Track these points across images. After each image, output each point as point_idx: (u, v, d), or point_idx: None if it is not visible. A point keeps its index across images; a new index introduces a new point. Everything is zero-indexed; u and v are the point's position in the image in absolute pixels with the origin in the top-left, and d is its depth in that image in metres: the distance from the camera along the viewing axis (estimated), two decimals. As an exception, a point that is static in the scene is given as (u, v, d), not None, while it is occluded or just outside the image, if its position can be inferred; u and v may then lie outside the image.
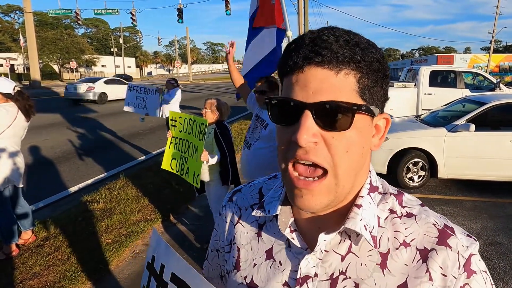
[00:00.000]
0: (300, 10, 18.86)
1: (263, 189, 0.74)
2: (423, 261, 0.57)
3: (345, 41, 0.53)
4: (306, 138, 0.52)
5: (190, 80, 52.12)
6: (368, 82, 0.54)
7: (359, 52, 0.53)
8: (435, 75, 10.03)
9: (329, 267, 0.60)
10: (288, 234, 0.63)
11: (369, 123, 0.57)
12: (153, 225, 4.27)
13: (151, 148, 8.58)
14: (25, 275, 3.20)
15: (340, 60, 0.52)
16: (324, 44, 0.53)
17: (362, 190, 0.61)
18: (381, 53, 0.57)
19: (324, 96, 0.52)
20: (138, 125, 11.76)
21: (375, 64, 0.55)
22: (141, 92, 6.62)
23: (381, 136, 0.60)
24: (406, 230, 0.59)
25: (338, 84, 0.52)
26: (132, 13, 27.33)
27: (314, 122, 0.53)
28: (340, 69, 0.53)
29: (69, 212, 4.53)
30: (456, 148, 5.37)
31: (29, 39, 28.53)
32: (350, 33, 0.55)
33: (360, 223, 0.57)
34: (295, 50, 0.55)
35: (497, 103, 5.54)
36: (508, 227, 4.29)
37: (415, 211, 0.62)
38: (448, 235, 0.58)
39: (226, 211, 0.78)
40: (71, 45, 52.44)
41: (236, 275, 0.70)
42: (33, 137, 8.78)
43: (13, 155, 3.42)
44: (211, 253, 0.83)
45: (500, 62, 32.82)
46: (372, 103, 0.56)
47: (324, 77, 0.53)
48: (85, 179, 6.23)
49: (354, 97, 0.53)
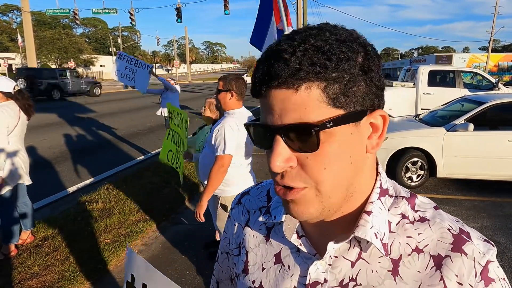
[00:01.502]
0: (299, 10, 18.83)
1: (271, 191, 0.73)
2: (437, 269, 0.54)
3: (303, 51, 0.48)
4: (279, 165, 0.50)
5: (189, 79, 52.06)
6: (340, 86, 0.49)
7: (319, 59, 0.47)
8: (434, 75, 10.04)
9: (339, 273, 0.58)
10: (295, 240, 0.61)
11: (353, 129, 0.51)
12: (151, 228, 4.26)
13: (150, 147, 8.57)
14: (24, 275, 3.19)
15: (297, 77, 0.48)
16: (277, 63, 0.48)
17: (372, 195, 0.57)
18: (356, 46, 0.50)
19: (289, 117, 0.49)
20: (137, 124, 11.75)
21: (345, 64, 0.48)
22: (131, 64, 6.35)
23: (379, 135, 0.55)
24: (419, 235, 0.56)
25: (301, 101, 0.48)
26: (130, 12, 27.28)
27: (286, 145, 0.50)
28: (299, 85, 0.48)
29: (67, 212, 4.52)
30: (455, 147, 5.37)
31: (27, 39, 28.42)
32: (315, 35, 0.49)
33: (370, 231, 0.54)
34: (255, 71, 0.52)
35: (495, 102, 5.55)
36: (506, 227, 4.30)
37: (428, 215, 0.58)
38: (463, 241, 0.55)
39: (235, 214, 0.76)
40: (69, 45, 52.31)
41: (245, 278, 0.69)
42: (31, 137, 8.74)
43: (20, 153, 3.45)
44: (221, 255, 0.82)
45: (498, 62, 32.92)
46: (354, 107, 0.50)
47: (284, 97, 0.49)
48: (83, 179, 6.22)
49: (323, 109, 0.48)
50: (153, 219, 4.38)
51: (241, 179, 2.75)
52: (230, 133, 2.54)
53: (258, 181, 0.91)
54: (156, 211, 4.58)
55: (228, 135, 2.53)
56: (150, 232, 4.16)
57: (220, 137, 2.56)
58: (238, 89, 2.64)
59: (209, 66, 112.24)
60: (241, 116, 2.68)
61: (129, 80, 6.37)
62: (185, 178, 5.89)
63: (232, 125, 2.56)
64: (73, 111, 15.05)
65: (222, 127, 2.57)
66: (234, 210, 0.77)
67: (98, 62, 64.60)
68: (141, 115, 13.83)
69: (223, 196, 2.75)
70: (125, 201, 4.84)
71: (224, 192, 2.74)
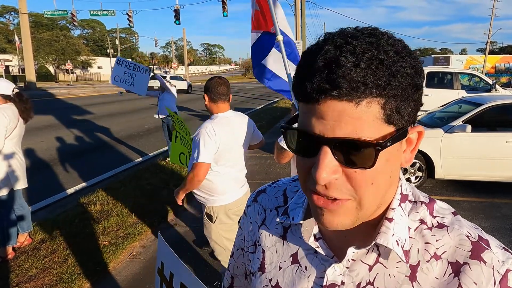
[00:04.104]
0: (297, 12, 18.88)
1: (287, 191, 0.73)
2: (455, 275, 0.54)
3: (367, 62, 0.46)
4: (325, 177, 0.48)
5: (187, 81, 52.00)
6: (397, 103, 0.48)
7: (384, 74, 0.46)
8: (431, 76, 10.10)
9: (356, 276, 0.58)
10: (312, 243, 0.61)
11: (398, 146, 0.52)
12: (150, 230, 4.25)
13: (148, 149, 8.55)
14: (21, 278, 3.18)
15: (361, 91, 0.45)
16: (341, 72, 0.46)
17: (393, 202, 0.57)
18: (414, 61, 0.49)
19: (343, 131, 0.47)
20: (135, 126, 11.73)
21: (405, 81, 0.47)
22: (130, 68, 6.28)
23: (412, 149, 0.55)
24: (437, 242, 0.56)
25: (358, 116, 0.46)
26: (128, 14, 27.26)
27: (334, 157, 0.49)
28: (361, 99, 0.46)
29: (65, 214, 4.50)
30: (453, 149, 5.39)
31: (24, 41, 28.35)
32: (374, 43, 0.47)
33: (392, 238, 0.54)
34: (307, 77, 0.48)
35: (493, 104, 5.57)
36: (504, 227, 4.31)
37: (446, 221, 0.58)
38: (482, 249, 0.54)
39: (251, 212, 0.76)
40: (67, 47, 52.15)
41: (261, 277, 0.69)
42: (29, 139, 8.71)
43: (18, 156, 3.45)
44: (237, 251, 0.82)
45: (496, 63, 33.05)
46: (402, 124, 0.49)
47: (342, 110, 0.47)
48: (81, 181, 6.20)
49: (378, 126, 0.47)
50: (152, 221, 4.37)
51: (227, 189, 2.58)
52: (204, 139, 2.37)
53: (255, 183, 0.91)
54: (154, 213, 4.57)
55: (202, 141, 2.36)
56: (148, 234, 4.15)
57: (195, 143, 2.41)
58: (212, 89, 2.47)
59: (207, 68, 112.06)
60: (223, 121, 2.49)
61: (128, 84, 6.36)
62: (182, 180, 5.87)
63: (208, 130, 2.39)
64: (70, 113, 15.00)
65: (198, 133, 2.42)
66: (250, 208, 0.77)
67: (96, 64, 64.51)
68: (139, 116, 13.82)
69: (208, 206, 2.61)
70: (123, 203, 4.82)
71: (208, 201, 2.60)
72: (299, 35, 22.43)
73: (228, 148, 2.50)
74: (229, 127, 2.52)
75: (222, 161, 2.51)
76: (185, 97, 22.99)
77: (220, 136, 2.42)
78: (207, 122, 2.46)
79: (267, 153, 7.79)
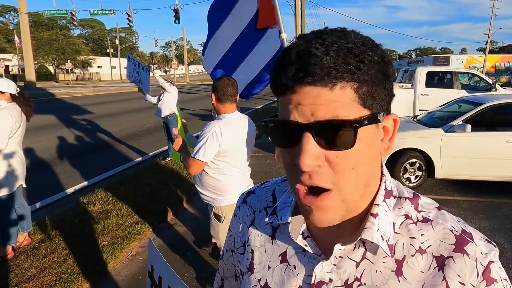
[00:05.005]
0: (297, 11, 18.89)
1: (276, 191, 0.74)
2: (439, 269, 0.55)
3: (336, 51, 0.49)
4: (309, 163, 0.50)
5: (187, 81, 52.03)
6: (369, 88, 0.51)
7: (353, 60, 0.49)
8: (431, 76, 10.09)
9: (344, 273, 0.59)
10: (300, 241, 0.62)
11: (375, 130, 0.54)
12: (149, 230, 4.25)
13: (147, 149, 8.54)
14: (21, 278, 3.17)
15: (333, 76, 0.48)
16: (313, 60, 0.49)
17: (378, 197, 0.58)
18: (380, 51, 0.52)
19: (322, 114, 0.49)
20: (135, 126, 11.73)
21: (374, 67, 0.51)
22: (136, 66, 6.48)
23: (390, 138, 0.57)
24: (422, 236, 0.57)
25: (335, 99, 0.49)
26: (128, 13, 27.26)
27: (316, 143, 0.50)
28: (334, 84, 0.49)
29: (65, 214, 4.50)
30: (452, 148, 5.38)
31: (24, 40, 28.34)
32: (342, 37, 0.51)
33: (377, 233, 0.56)
34: (282, 69, 0.52)
35: (493, 103, 5.57)
36: (504, 227, 4.31)
37: (431, 215, 0.59)
38: (466, 242, 0.56)
39: (240, 213, 0.77)
40: (67, 46, 52.12)
41: (250, 277, 0.70)
42: (28, 139, 8.70)
43: (18, 156, 3.46)
44: (226, 253, 0.83)
45: (496, 63, 33.02)
46: (376, 108, 0.52)
47: (318, 94, 0.49)
48: (81, 180, 6.19)
49: (355, 108, 0.50)
50: (151, 221, 4.36)
51: (235, 188, 2.59)
52: (208, 139, 2.39)
53: (255, 182, 0.91)
54: (154, 213, 4.57)
55: (206, 140, 2.39)
56: (148, 234, 4.15)
57: (199, 140, 2.44)
58: (220, 89, 2.48)
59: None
60: (231, 122, 2.52)
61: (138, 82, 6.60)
62: (182, 180, 5.88)
63: (215, 130, 2.41)
64: (70, 112, 14.99)
65: (205, 131, 2.43)
66: (239, 209, 0.78)
67: (95, 64, 64.50)
68: (139, 116, 13.81)
69: (216, 206, 2.64)
70: (123, 202, 4.82)
71: (216, 201, 2.63)
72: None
73: (235, 148, 2.54)
74: (236, 128, 2.55)
75: (230, 161, 2.55)
76: (185, 97, 22.97)
77: (227, 137, 2.45)
78: (216, 122, 2.48)
79: (267, 152, 7.80)
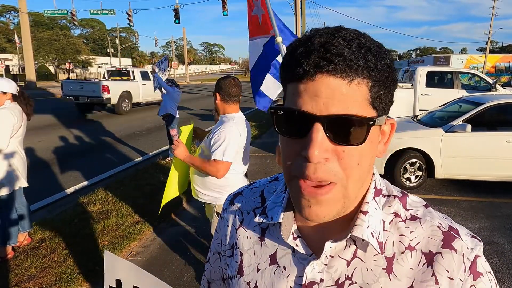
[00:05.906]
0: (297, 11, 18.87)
1: (265, 192, 0.73)
2: (428, 265, 0.56)
3: (357, 46, 0.50)
4: (317, 154, 0.49)
5: (187, 81, 52.04)
6: (380, 89, 0.52)
7: (372, 58, 0.50)
8: (432, 76, 10.07)
9: (335, 272, 0.59)
10: (291, 241, 0.62)
11: (378, 132, 0.56)
12: (150, 229, 4.24)
13: (147, 149, 8.54)
14: (21, 278, 3.17)
15: (354, 69, 0.49)
16: (336, 51, 0.49)
17: (368, 195, 0.60)
18: (390, 58, 0.54)
19: (336, 108, 0.49)
20: (135, 126, 11.73)
21: (386, 71, 0.52)
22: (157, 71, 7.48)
23: (386, 142, 0.59)
24: (411, 233, 0.59)
25: (351, 94, 0.49)
26: (128, 13, 27.24)
27: (326, 135, 0.50)
28: (353, 78, 0.49)
29: (65, 213, 4.50)
30: (453, 148, 5.38)
31: (24, 40, 28.32)
32: (361, 36, 0.52)
33: (367, 230, 0.56)
34: (304, 55, 0.50)
35: (493, 103, 5.57)
36: (504, 227, 4.30)
37: (419, 213, 0.61)
38: (453, 238, 0.58)
39: (228, 215, 0.76)
40: (67, 46, 52.04)
41: (239, 280, 0.69)
42: (28, 138, 8.68)
43: (19, 155, 3.46)
44: (213, 256, 0.81)
45: (496, 63, 33.00)
46: (381, 111, 0.54)
47: (336, 87, 0.49)
48: (81, 180, 6.19)
49: (366, 107, 0.51)
50: (151, 221, 4.36)
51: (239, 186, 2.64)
52: (232, 140, 2.41)
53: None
54: (154, 213, 4.56)
55: (228, 141, 2.40)
56: (148, 234, 4.15)
57: (219, 141, 2.42)
58: (225, 89, 2.48)
59: (208, 67, 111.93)
60: (240, 121, 2.56)
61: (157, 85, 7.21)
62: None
63: (234, 131, 2.44)
64: (70, 112, 14.98)
65: (223, 132, 2.42)
66: (226, 211, 0.77)
67: (96, 63, 64.44)
68: (139, 116, 13.82)
69: (219, 204, 2.63)
70: (122, 202, 4.82)
71: (219, 200, 2.61)
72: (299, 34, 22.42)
73: (243, 147, 2.59)
74: (242, 127, 2.59)
75: (237, 159, 2.59)
76: (185, 97, 22.96)
77: (242, 137, 2.50)
78: (231, 123, 2.49)
79: (266, 152, 7.79)
